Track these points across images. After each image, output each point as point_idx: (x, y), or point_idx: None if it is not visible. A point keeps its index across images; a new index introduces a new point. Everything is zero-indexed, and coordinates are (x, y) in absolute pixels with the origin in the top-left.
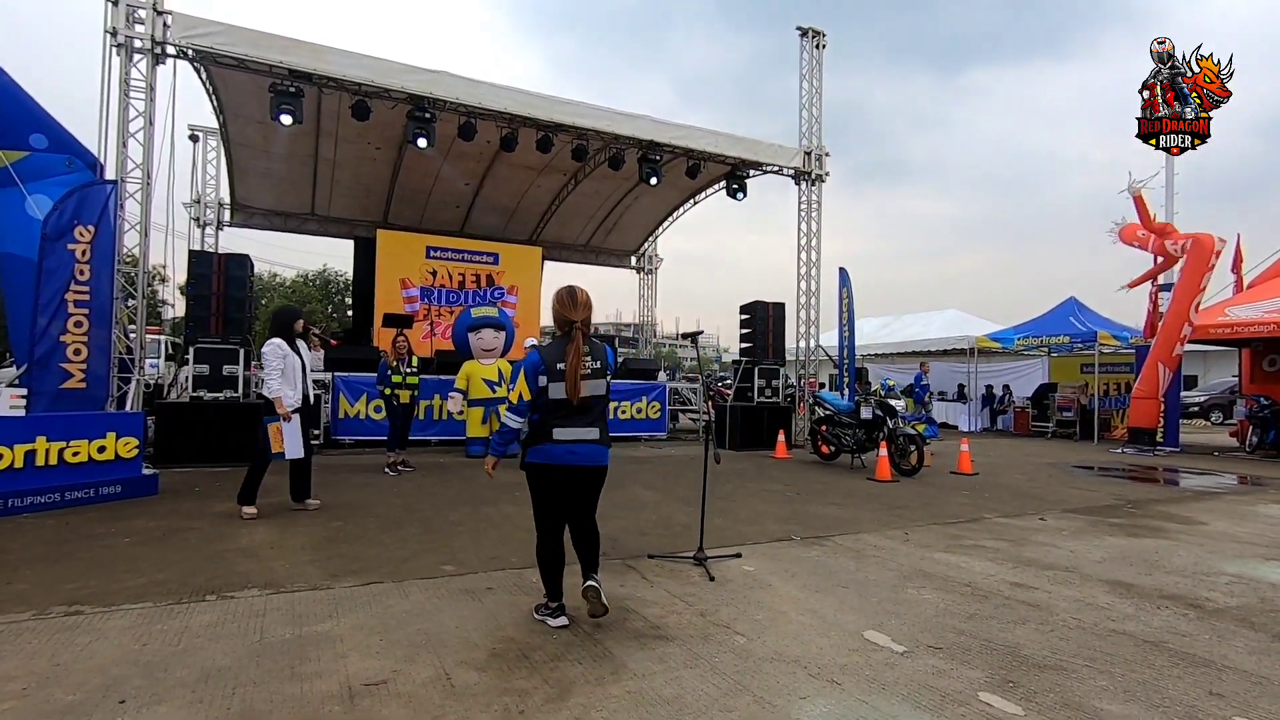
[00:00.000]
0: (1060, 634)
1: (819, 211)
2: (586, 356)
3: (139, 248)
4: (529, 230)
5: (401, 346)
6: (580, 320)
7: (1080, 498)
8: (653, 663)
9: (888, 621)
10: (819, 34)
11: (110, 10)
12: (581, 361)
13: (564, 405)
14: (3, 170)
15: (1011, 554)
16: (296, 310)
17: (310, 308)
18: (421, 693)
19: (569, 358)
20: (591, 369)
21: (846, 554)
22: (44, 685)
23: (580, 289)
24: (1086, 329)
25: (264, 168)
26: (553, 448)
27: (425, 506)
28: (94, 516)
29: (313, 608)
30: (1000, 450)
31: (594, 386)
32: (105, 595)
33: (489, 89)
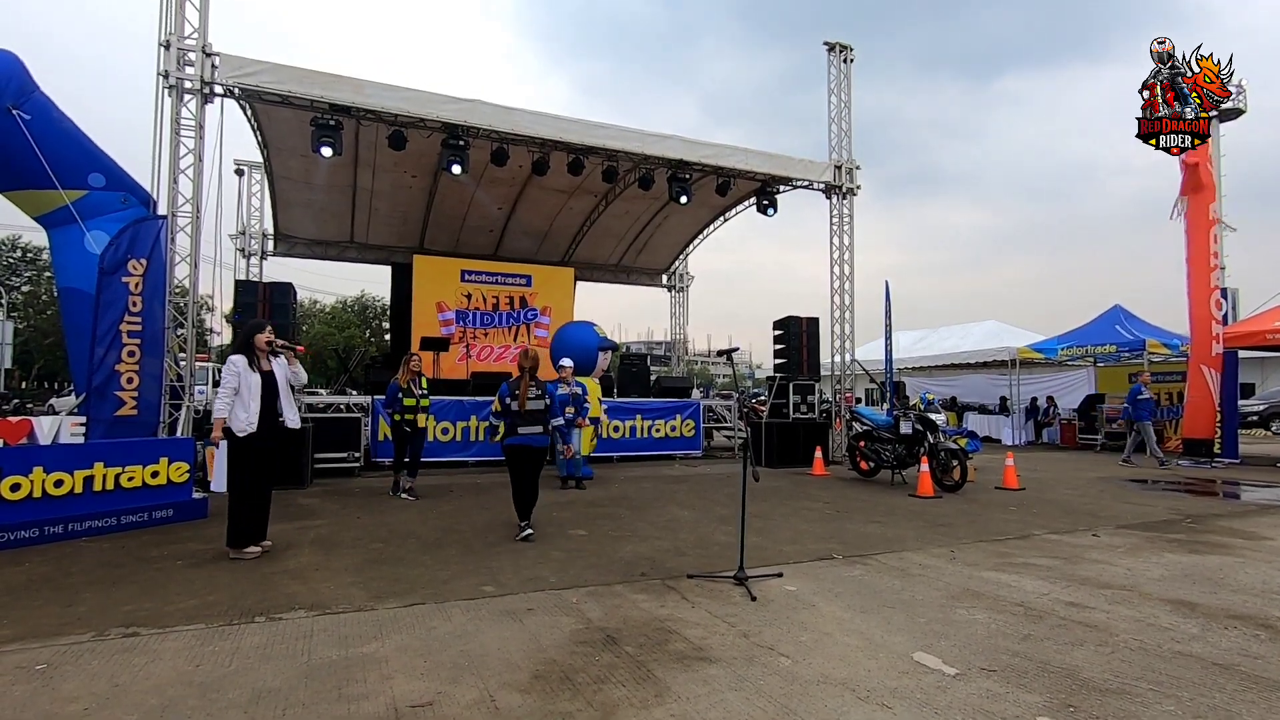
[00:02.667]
0: (1122, 656)
1: (851, 225)
2: (532, 387)
3: (189, 279)
4: (561, 252)
5: (415, 366)
6: (529, 368)
7: (1135, 513)
8: (696, 685)
9: (937, 643)
10: (846, 48)
11: (163, 54)
12: (528, 391)
13: (520, 414)
14: (64, 209)
15: (1064, 572)
16: (260, 323)
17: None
18: (466, 715)
19: (521, 389)
20: (535, 395)
21: (891, 573)
22: (104, 706)
23: (531, 349)
24: (1134, 337)
25: (305, 199)
26: (517, 438)
27: (464, 528)
28: (148, 539)
29: (358, 629)
30: (1047, 464)
31: (535, 404)
32: (160, 617)
33: (522, 115)
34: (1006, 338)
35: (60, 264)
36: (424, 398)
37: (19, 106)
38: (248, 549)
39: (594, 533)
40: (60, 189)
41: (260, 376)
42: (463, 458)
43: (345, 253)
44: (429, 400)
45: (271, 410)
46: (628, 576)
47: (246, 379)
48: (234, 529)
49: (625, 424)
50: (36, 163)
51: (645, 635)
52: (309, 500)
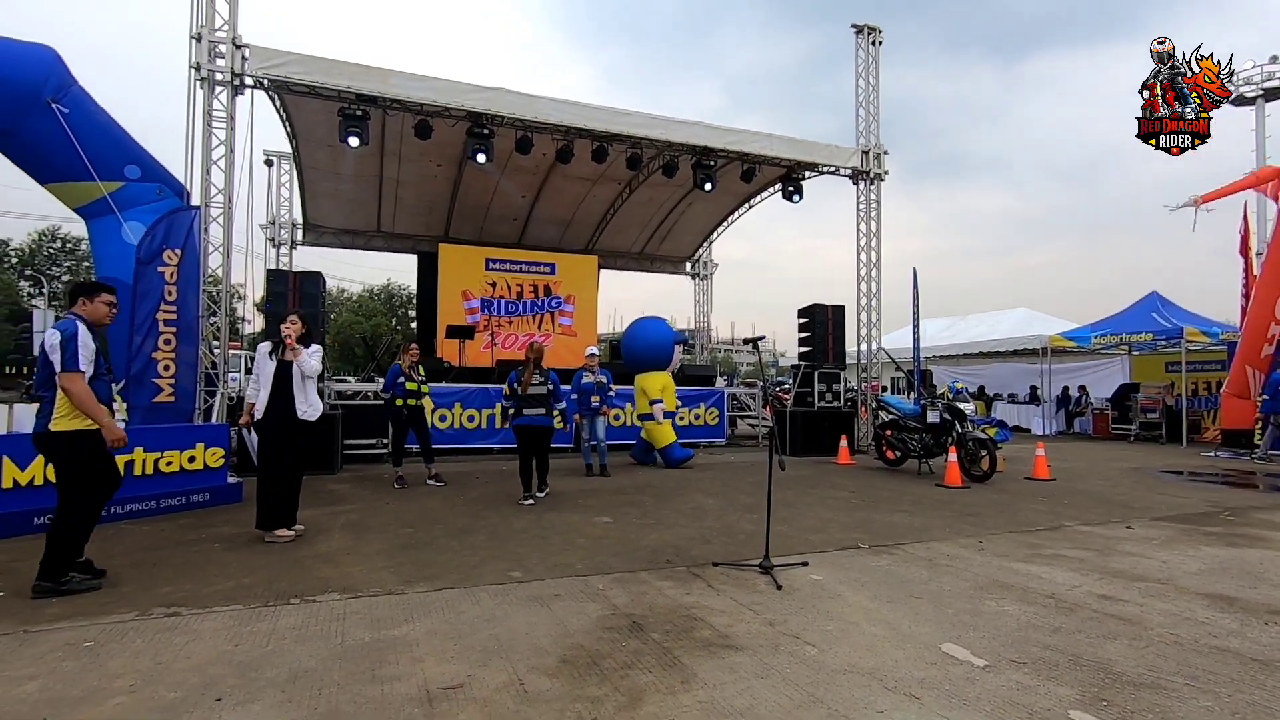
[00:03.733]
0: (1156, 650)
1: (878, 211)
2: (536, 374)
3: (221, 268)
4: (584, 240)
5: (415, 354)
6: (534, 359)
7: (1170, 504)
8: (723, 673)
9: (966, 634)
10: (875, 30)
11: (195, 47)
12: (531, 378)
13: (524, 398)
14: (102, 200)
15: (1097, 564)
16: (285, 313)
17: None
18: (496, 698)
19: (525, 376)
20: (538, 381)
21: (918, 563)
22: (149, 682)
23: (536, 343)
24: (1171, 325)
25: (333, 189)
26: (523, 418)
27: (490, 515)
28: (185, 523)
29: (389, 612)
30: (1078, 454)
31: (537, 389)
32: (199, 598)
33: (546, 103)
34: (1037, 325)
35: (99, 254)
36: (424, 384)
37: (58, 100)
38: (278, 532)
39: (619, 520)
40: (98, 181)
41: (276, 365)
42: (487, 444)
43: (372, 242)
44: (428, 388)
45: (283, 399)
46: (653, 564)
47: (263, 366)
48: (257, 511)
49: None
50: (75, 155)
51: (671, 622)
52: (339, 486)
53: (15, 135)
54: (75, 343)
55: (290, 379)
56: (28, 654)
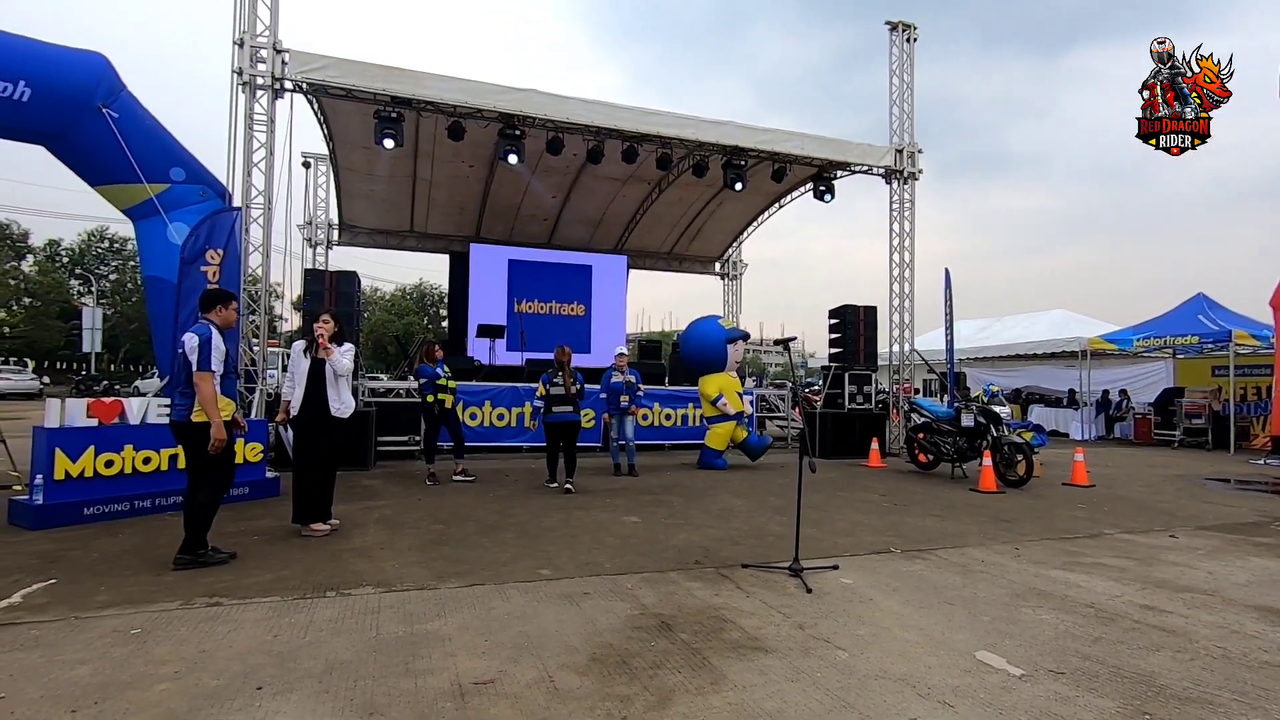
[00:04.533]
0: (1202, 664)
1: (912, 210)
2: (561, 375)
3: (261, 268)
4: (614, 240)
5: (439, 354)
6: (564, 361)
7: (1216, 513)
8: (753, 675)
9: (1001, 642)
10: (909, 27)
11: (237, 52)
12: (557, 379)
13: (553, 398)
14: (149, 202)
15: (1139, 574)
16: (318, 312)
17: (408, 320)
18: (527, 694)
19: (561, 377)
20: (567, 382)
21: (951, 569)
22: (192, 670)
23: (564, 348)
24: (1219, 328)
25: (368, 190)
26: (553, 415)
27: (520, 512)
28: (226, 516)
29: (422, 607)
30: (1119, 460)
31: (559, 389)
32: (240, 589)
33: (577, 104)
34: (1076, 327)
35: (145, 254)
36: (450, 379)
37: (108, 105)
38: (314, 525)
39: (647, 520)
40: (145, 183)
41: (311, 362)
42: (517, 443)
43: (405, 242)
44: (455, 384)
45: (316, 396)
46: (682, 564)
47: (298, 364)
48: (294, 505)
49: (678, 412)
50: (124, 158)
51: (700, 623)
52: (372, 481)
53: (68, 139)
54: (210, 346)
55: (323, 377)
56: (79, 639)
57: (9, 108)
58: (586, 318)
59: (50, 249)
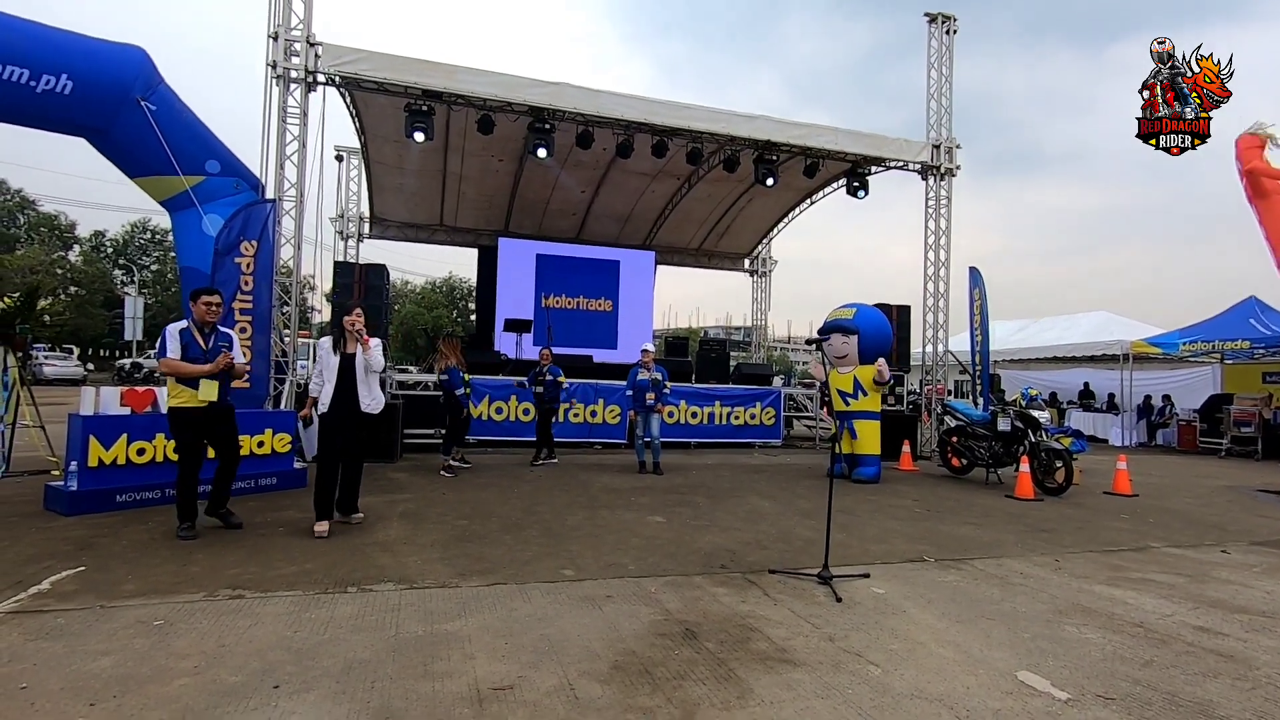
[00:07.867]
0: (1265, 693)
1: (949, 207)
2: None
3: (293, 260)
4: (642, 235)
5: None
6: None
7: (1272, 528)
8: (780, 690)
9: (1044, 662)
10: (949, 19)
11: (271, 46)
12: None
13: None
14: (185, 194)
15: (1190, 592)
16: (349, 305)
17: (437, 313)
18: (546, 702)
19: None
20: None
21: (989, 580)
22: (211, 665)
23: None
24: (1272, 333)
25: (398, 183)
26: None
27: (544, 509)
28: (253, 506)
29: (442, 605)
30: (1163, 469)
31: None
32: (263, 581)
33: (607, 97)
34: (1118, 330)
35: (181, 245)
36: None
37: (147, 98)
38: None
39: (672, 520)
40: (181, 175)
41: (340, 359)
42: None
43: (434, 235)
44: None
45: (346, 392)
46: (707, 568)
47: (327, 360)
48: (315, 498)
49: (704, 410)
50: (161, 151)
51: (726, 631)
52: (398, 474)
53: (108, 133)
54: (164, 335)
55: (354, 373)
56: (104, 629)
57: (52, 100)
58: (614, 313)
59: (95, 239)
